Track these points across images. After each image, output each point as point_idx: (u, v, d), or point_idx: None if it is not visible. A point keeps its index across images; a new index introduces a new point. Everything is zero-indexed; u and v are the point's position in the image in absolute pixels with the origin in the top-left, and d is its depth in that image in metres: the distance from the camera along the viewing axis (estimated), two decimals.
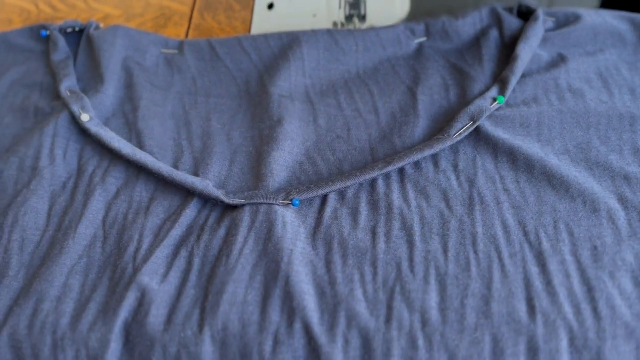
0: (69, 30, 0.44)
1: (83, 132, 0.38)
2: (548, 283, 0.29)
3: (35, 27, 0.44)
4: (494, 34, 0.40)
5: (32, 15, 0.52)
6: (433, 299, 0.29)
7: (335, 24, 0.47)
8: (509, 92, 0.37)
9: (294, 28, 0.43)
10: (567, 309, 0.28)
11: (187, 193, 0.35)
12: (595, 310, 0.27)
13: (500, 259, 0.30)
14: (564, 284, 0.29)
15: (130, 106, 0.40)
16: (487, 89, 0.38)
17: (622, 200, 0.32)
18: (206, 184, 0.34)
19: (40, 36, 0.44)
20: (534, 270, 0.29)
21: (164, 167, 0.35)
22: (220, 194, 0.34)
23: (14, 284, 0.32)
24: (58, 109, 0.39)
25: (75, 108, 0.38)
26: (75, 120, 0.38)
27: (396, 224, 0.32)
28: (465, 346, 0.27)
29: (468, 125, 0.35)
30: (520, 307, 0.28)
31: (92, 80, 0.42)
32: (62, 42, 0.43)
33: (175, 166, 0.37)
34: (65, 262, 0.32)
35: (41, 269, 0.32)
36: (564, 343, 0.27)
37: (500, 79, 0.37)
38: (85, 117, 0.38)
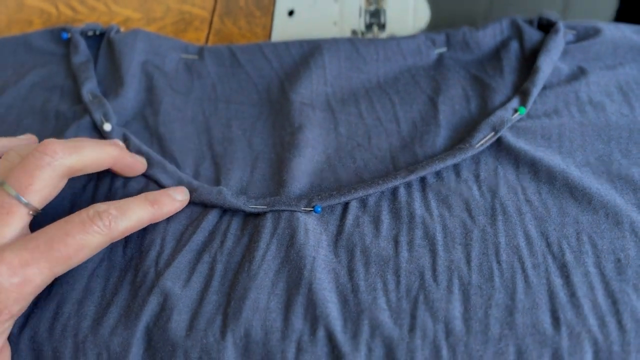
0: (90, 33, 0.44)
1: (104, 137, 0.38)
2: (572, 295, 0.29)
3: (55, 29, 0.45)
4: (514, 45, 0.41)
5: (52, 17, 0.52)
6: (457, 309, 0.29)
7: (354, 32, 0.48)
8: (530, 104, 0.37)
9: (313, 35, 0.43)
10: (592, 321, 0.27)
11: None
12: (619, 323, 0.27)
13: (524, 270, 0.30)
14: (587, 296, 0.28)
15: (151, 110, 0.41)
16: (508, 99, 0.38)
17: None
18: (223, 196, 0.34)
19: (60, 38, 0.44)
20: (558, 281, 0.29)
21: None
22: (240, 203, 0.34)
23: None
24: (79, 113, 0.39)
25: (97, 116, 0.38)
26: (96, 126, 0.39)
27: (418, 233, 0.32)
28: (489, 357, 0.27)
29: (490, 136, 0.35)
30: (545, 319, 0.28)
31: (112, 83, 0.42)
32: (82, 44, 0.43)
33: (196, 171, 0.37)
34: (86, 265, 0.32)
35: None
36: (589, 355, 0.26)
37: (521, 90, 0.38)
38: (107, 127, 0.38)
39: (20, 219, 0.29)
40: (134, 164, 0.35)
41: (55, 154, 0.30)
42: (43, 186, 0.30)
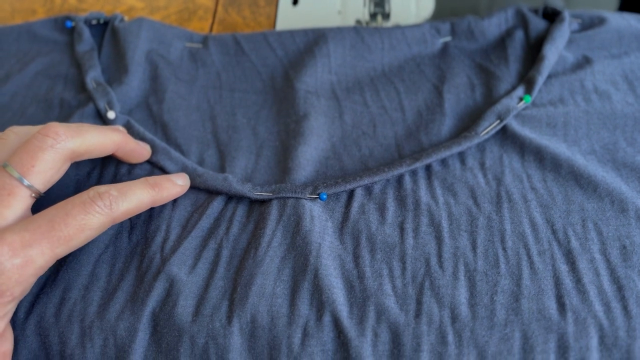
0: (94, 22, 0.44)
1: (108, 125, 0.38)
2: (578, 281, 0.29)
3: (59, 18, 0.44)
4: (519, 34, 0.41)
5: (55, 6, 0.52)
6: (462, 295, 0.29)
7: (358, 22, 0.47)
8: (535, 92, 0.37)
9: (318, 24, 0.43)
10: (598, 307, 0.28)
11: None
12: (625, 309, 0.27)
13: (529, 256, 0.30)
14: (593, 282, 0.29)
15: (155, 98, 0.41)
16: (514, 88, 0.38)
17: None
18: (229, 182, 0.34)
19: (64, 27, 0.44)
20: (563, 268, 0.29)
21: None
22: (245, 189, 0.34)
23: None
24: (83, 101, 0.39)
25: (102, 104, 0.38)
26: (100, 114, 0.39)
27: (424, 220, 0.32)
28: (494, 342, 0.27)
29: (495, 124, 0.35)
30: (550, 305, 0.28)
31: (116, 71, 0.42)
32: (86, 33, 0.43)
33: (201, 158, 0.37)
34: (92, 250, 0.32)
35: (68, 257, 0.32)
36: (594, 341, 0.27)
37: (526, 79, 0.38)
38: (111, 115, 0.38)
39: (22, 200, 0.29)
40: (138, 150, 0.35)
41: (58, 137, 0.30)
42: (46, 168, 0.29)
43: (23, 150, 0.29)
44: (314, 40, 0.42)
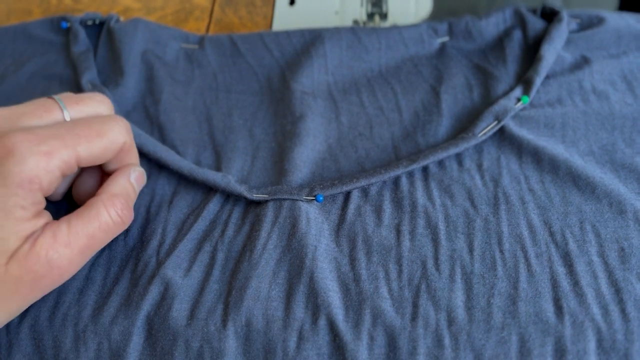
0: (89, 22, 0.44)
1: None
2: (575, 284, 0.28)
3: (55, 18, 0.44)
4: (517, 34, 0.40)
5: (51, 6, 0.52)
6: (459, 298, 0.28)
7: (356, 22, 0.47)
8: (533, 93, 0.36)
9: (315, 25, 0.43)
10: (595, 310, 0.27)
11: (210, 187, 0.35)
12: (623, 312, 0.27)
13: (527, 259, 0.30)
14: (591, 285, 0.28)
15: (151, 99, 0.40)
16: (511, 89, 0.38)
17: None
18: (228, 180, 0.34)
19: (60, 28, 0.44)
20: (561, 270, 0.29)
21: (185, 165, 0.35)
22: (243, 190, 0.34)
23: None
24: None
25: None
26: None
27: (420, 222, 0.32)
28: (491, 345, 0.27)
29: (493, 125, 0.35)
30: (548, 307, 0.28)
31: (112, 73, 0.41)
32: (82, 34, 0.43)
33: (197, 160, 0.37)
34: None
35: None
36: (592, 344, 0.26)
37: (524, 79, 0.37)
38: None
39: (55, 120, 0.30)
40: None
41: (106, 98, 0.33)
42: (87, 110, 0.31)
43: (72, 94, 0.32)
44: (310, 41, 0.42)
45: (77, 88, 0.40)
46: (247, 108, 0.40)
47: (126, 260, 0.32)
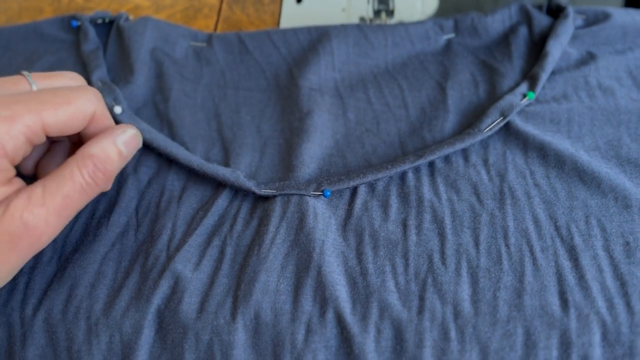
0: (99, 21, 0.44)
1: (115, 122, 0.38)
2: (581, 277, 0.29)
3: (65, 17, 0.45)
4: (523, 31, 0.40)
5: (62, 5, 0.52)
6: (465, 291, 0.29)
7: (362, 19, 0.47)
8: (539, 88, 0.37)
9: (322, 22, 0.43)
10: (600, 303, 0.28)
11: (219, 182, 0.35)
12: (628, 305, 0.27)
13: (532, 253, 0.30)
14: (596, 279, 0.28)
15: (161, 96, 0.41)
16: (517, 85, 0.38)
17: None
18: (237, 175, 0.34)
19: (70, 26, 0.44)
20: (566, 264, 0.29)
21: (194, 160, 0.35)
22: (251, 185, 0.34)
23: (48, 269, 0.32)
24: None
25: (108, 100, 0.39)
26: None
27: (427, 217, 0.32)
28: (497, 338, 0.27)
29: (498, 120, 0.35)
30: (553, 301, 0.28)
31: (121, 71, 0.42)
32: (92, 32, 0.43)
33: (206, 156, 0.38)
34: (99, 249, 0.33)
35: (75, 255, 0.32)
36: (597, 337, 0.27)
37: (530, 75, 0.38)
38: (117, 109, 0.38)
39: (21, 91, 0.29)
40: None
41: (78, 77, 0.33)
42: (56, 85, 0.31)
43: (43, 72, 0.31)
44: (317, 38, 0.42)
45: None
46: (255, 105, 0.41)
47: (136, 255, 0.32)
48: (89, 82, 0.40)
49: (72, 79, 0.32)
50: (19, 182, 0.28)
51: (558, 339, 0.27)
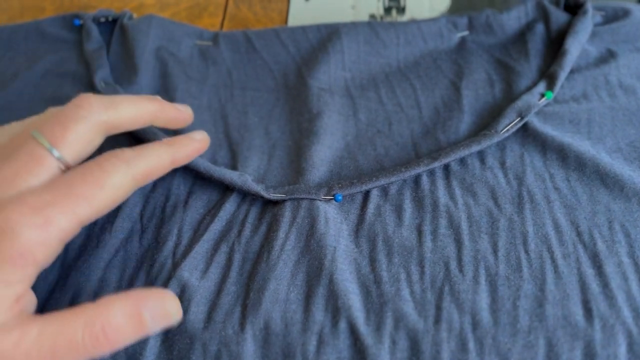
0: (102, 19, 0.43)
1: None
2: (605, 285, 0.28)
3: (68, 15, 0.44)
4: (539, 28, 0.39)
5: (64, 3, 0.52)
6: (484, 300, 0.28)
7: (372, 16, 0.47)
8: (557, 88, 0.35)
9: (331, 20, 0.42)
10: (626, 312, 0.27)
11: (226, 187, 0.34)
12: None
13: (553, 260, 0.29)
14: (621, 287, 0.27)
15: (166, 97, 0.40)
16: (534, 84, 0.37)
17: None
18: (245, 179, 0.33)
19: (73, 25, 0.44)
20: (589, 271, 0.28)
21: (201, 163, 0.34)
22: (260, 189, 0.33)
23: (50, 277, 0.31)
24: None
25: None
26: None
27: (443, 222, 0.31)
28: (517, 350, 0.26)
29: (515, 121, 0.34)
30: (576, 310, 0.27)
31: (125, 70, 0.41)
32: (95, 31, 0.42)
33: (213, 159, 0.37)
34: (102, 255, 0.32)
35: (77, 262, 0.32)
36: (622, 349, 0.26)
37: (548, 74, 0.36)
38: None
39: (49, 171, 0.27)
40: (178, 117, 0.34)
41: (91, 108, 0.29)
42: (77, 140, 0.28)
43: (55, 120, 0.28)
44: (327, 36, 0.41)
45: (90, 86, 0.40)
46: (263, 105, 0.40)
47: (141, 262, 0.32)
48: (92, 83, 0.39)
49: (83, 118, 0.29)
50: (25, 302, 0.26)
51: (582, 350, 0.26)
